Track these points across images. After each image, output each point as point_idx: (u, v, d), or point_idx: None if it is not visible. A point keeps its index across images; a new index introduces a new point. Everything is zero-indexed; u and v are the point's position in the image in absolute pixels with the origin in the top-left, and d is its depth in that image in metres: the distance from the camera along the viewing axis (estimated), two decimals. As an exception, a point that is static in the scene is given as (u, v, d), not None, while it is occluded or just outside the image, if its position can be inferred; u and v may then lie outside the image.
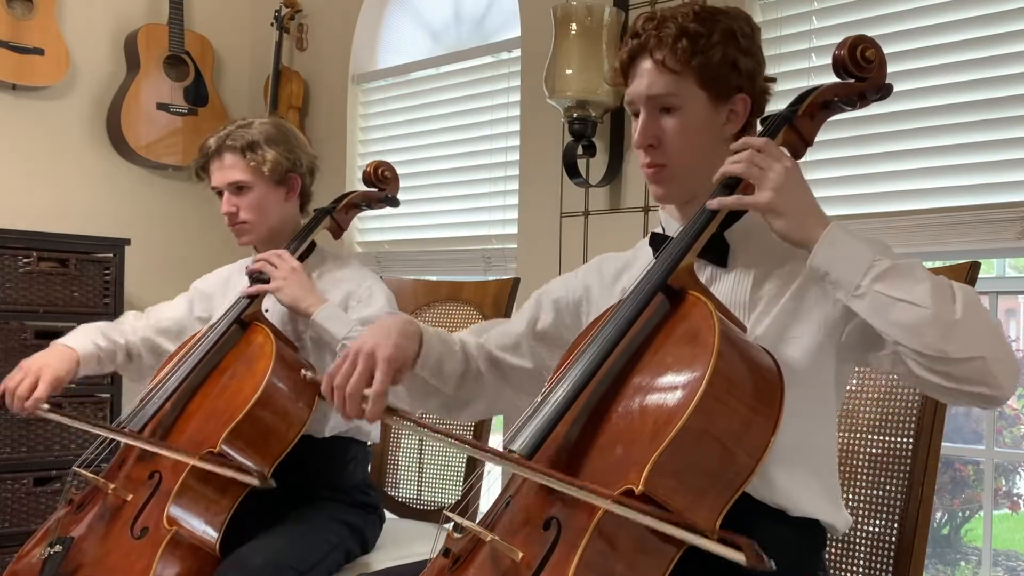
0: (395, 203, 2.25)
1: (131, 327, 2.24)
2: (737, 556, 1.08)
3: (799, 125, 1.42)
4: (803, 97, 1.43)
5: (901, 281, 1.23)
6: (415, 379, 1.50)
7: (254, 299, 2.05)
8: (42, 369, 2.03)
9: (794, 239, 1.31)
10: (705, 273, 1.44)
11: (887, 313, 1.24)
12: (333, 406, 1.37)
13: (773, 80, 1.51)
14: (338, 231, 2.22)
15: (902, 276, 1.24)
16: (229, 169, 2.11)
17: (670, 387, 1.25)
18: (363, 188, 2.26)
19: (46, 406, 2.01)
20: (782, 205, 1.29)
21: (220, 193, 2.14)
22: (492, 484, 2.14)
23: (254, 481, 1.79)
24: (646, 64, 1.43)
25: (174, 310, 2.27)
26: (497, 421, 2.62)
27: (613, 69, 1.50)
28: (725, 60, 1.42)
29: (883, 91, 1.41)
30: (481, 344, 1.61)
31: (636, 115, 1.48)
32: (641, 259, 1.56)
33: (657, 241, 1.48)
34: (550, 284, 1.68)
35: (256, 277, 2.07)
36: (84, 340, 2.15)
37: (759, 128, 1.47)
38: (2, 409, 2.05)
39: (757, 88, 1.48)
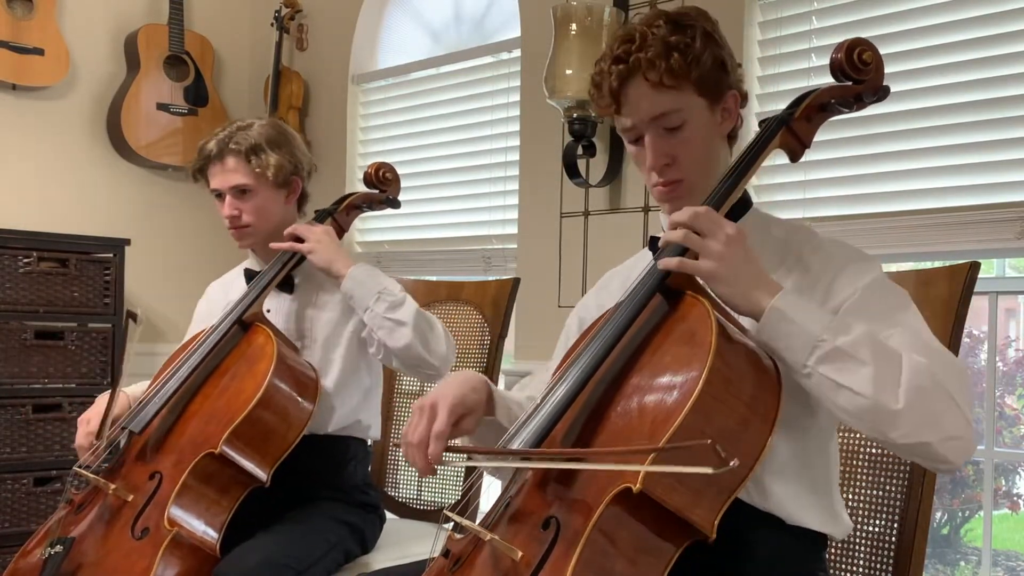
0: (396, 204, 2.25)
1: None
2: None
3: (796, 128, 1.41)
4: (800, 100, 1.42)
5: (844, 364, 1.21)
6: (496, 428, 1.48)
7: (262, 292, 2.05)
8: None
9: (740, 308, 1.29)
10: None
11: (834, 398, 1.23)
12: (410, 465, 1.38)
13: (739, 65, 1.49)
14: (339, 232, 2.22)
15: (846, 358, 1.21)
16: (232, 173, 2.10)
17: (668, 386, 1.25)
18: (364, 189, 2.26)
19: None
20: (725, 273, 1.27)
21: (219, 195, 2.14)
22: (491, 483, 2.14)
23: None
24: (641, 87, 1.40)
25: None
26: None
27: (602, 97, 1.45)
28: (715, 63, 1.41)
29: (880, 93, 1.40)
30: (531, 397, 1.59)
31: (635, 141, 1.45)
32: (642, 264, 1.56)
33: (656, 244, 1.48)
34: (568, 319, 1.69)
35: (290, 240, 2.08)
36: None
37: (757, 130, 1.46)
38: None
39: (737, 79, 1.47)
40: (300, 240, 2.07)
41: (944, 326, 1.52)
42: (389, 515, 2.33)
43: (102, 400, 2.03)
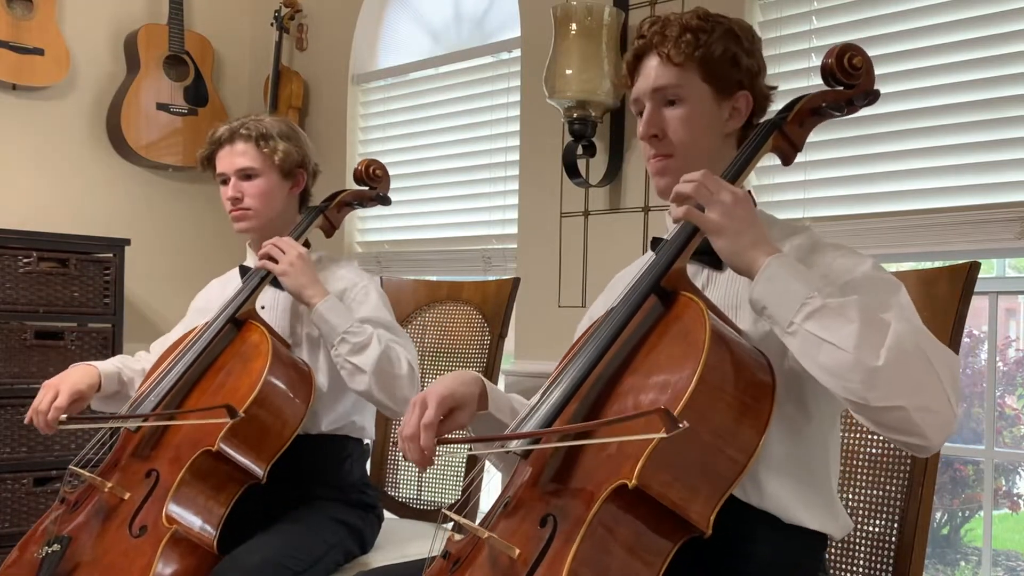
0: (387, 201, 2.26)
1: (146, 360, 2.25)
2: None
3: (788, 131, 1.44)
4: (792, 104, 1.45)
5: (831, 321, 1.21)
6: (491, 421, 1.51)
7: (255, 290, 2.05)
8: (61, 382, 2.03)
9: (736, 264, 1.30)
10: (702, 276, 1.46)
11: (815, 355, 1.22)
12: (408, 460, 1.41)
13: (774, 88, 1.53)
14: (330, 229, 2.22)
15: (833, 316, 1.21)
16: (240, 156, 2.12)
17: (662, 385, 1.26)
18: (355, 187, 2.26)
19: (64, 416, 1.99)
20: (728, 227, 1.29)
21: (224, 181, 2.15)
22: (492, 483, 2.14)
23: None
24: (651, 61, 1.47)
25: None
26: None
27: (621, 71, 1.54)
28: (726, 55, 1.45)
29: (871, 97, 1.43)
30: None
31: (640, 113, 1.50)
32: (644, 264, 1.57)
33: (658, 244, 1.48)
34: (580, 323, 1.70)
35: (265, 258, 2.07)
36: (105, 362, 2.17)
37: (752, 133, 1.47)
38: (32, 428, 2.04)
39: (758, 88, 1.50)
40: (273, 259, 2.04)
41: (944, 326, 1.52)
42: (388, 515, 2.33)
43: (75, 371, 2.06)
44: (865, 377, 1.19)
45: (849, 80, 1.40)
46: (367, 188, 2.23)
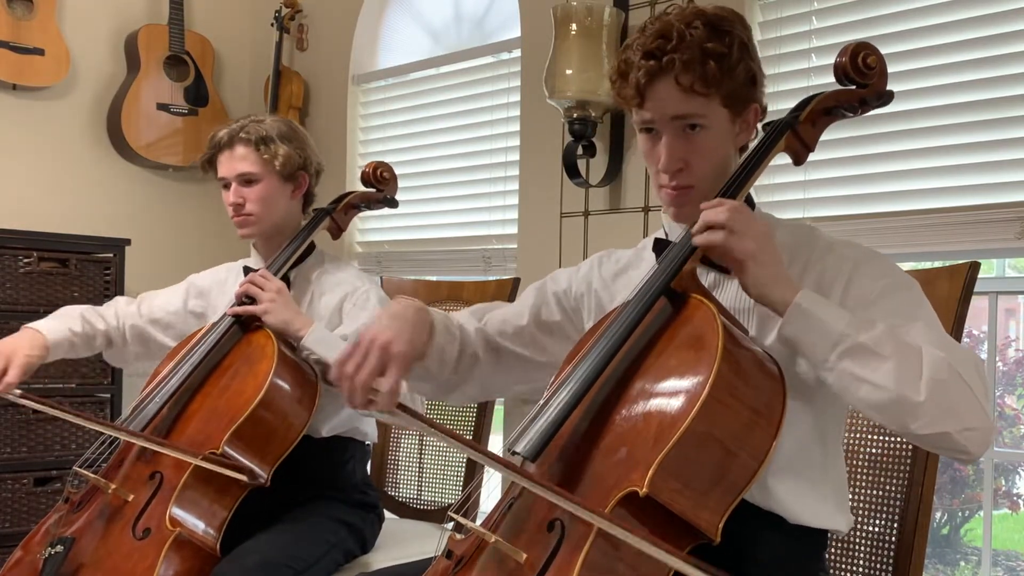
0: (394, 204, 2.26)
1: (121, 312, 2.24)
2: None
3: (801, 131, 1.42)
4: (805, 103, 1.43)
5: (867, 359, 1.23)
6: (417, 366, 1.47)
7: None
8: (13, 353, 2.01)
9: (766, 295, 1.29)
10: (708, 279, 1.45)
11: (855, 391, 1.25)
12: (339, 392, 1.32)
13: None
14: (337, 231, 2.22)
15: (868, 354, 1.23)
16: (240, 160, 2.11)
17: (674, 390, 1.25)
18: (362, 189, 2.26)
19: (17, 391, 1.99)
20: (762, 256, 1.29)
21: (226, 186, 2.14)
22: (493, 482, 2.14)
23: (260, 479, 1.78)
24: (670, 87, 1.37)
25: (168, 302, 2.26)
26: (497, 421, 2.62)
27: (626, 88, 1.41)
28: (747, 77, 1.40)
29: (884, 98, 1.42)
30: (480, 328, 1.60)
31: (647, 131, 1.43)
32: (644, 263, 1.56)
33: (660, 247, 1.47)
34: (553, 275, 1.69)
35: (243, 300, 2.04)
36: (58, 326, 2.14)
37: (762, 133, 1.46)
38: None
39: (761, 94, 1.47)
40: (252, 300, 2.01)
41: (944, 326, 1.51)
42: (389, 515, 2.33)
43: (23, 340, 2.06)
44: (908, 412, 1.22)
45: (863, 79, 1.39)
46: (374, 190, 2.23)
